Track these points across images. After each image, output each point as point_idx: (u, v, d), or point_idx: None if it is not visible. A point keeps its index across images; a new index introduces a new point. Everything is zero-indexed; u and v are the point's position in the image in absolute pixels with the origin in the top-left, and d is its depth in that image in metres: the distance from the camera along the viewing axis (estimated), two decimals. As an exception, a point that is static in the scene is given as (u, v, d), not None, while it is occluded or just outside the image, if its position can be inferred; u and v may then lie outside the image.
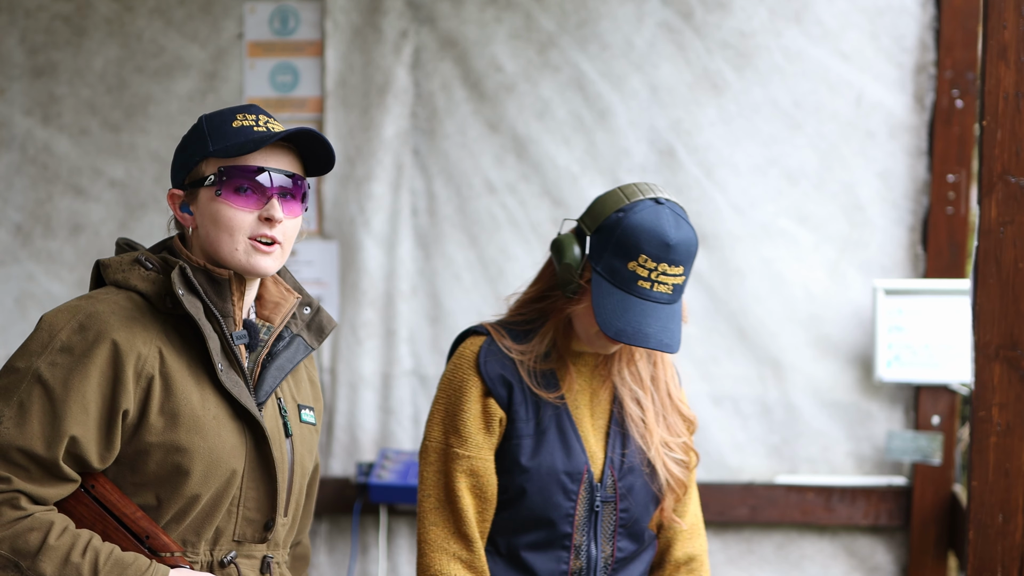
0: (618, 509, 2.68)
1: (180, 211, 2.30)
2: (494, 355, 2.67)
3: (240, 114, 2.30)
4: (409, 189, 4.12)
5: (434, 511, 2.65)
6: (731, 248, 4.05)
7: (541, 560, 2.67)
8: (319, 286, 4.15)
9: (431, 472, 2.66)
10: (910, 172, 4.02)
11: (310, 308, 2.41)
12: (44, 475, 2.13)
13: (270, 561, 2.31)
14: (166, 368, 2.20)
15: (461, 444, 2.64)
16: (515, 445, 2.65)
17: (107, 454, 2.17)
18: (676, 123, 4.05)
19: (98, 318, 2.18)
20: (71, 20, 4.16)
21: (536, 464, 2.64)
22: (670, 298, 2.57)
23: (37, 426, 2.12)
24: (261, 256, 2.25)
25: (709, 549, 4.11)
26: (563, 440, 2.66)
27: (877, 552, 4.08)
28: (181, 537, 2.22)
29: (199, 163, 2.27)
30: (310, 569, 4.13)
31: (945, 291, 3.93)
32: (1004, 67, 2.55)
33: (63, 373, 2.14)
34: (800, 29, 4.01)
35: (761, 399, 4.07)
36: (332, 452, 4.15)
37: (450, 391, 2.68)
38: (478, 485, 2.64)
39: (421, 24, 4.10)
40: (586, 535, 2.67)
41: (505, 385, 2.65)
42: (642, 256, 2.54)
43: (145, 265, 2.26)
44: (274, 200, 2.25)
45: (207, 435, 2.20)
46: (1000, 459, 2.56)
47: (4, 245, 4.18)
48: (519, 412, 2.65)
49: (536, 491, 2.64)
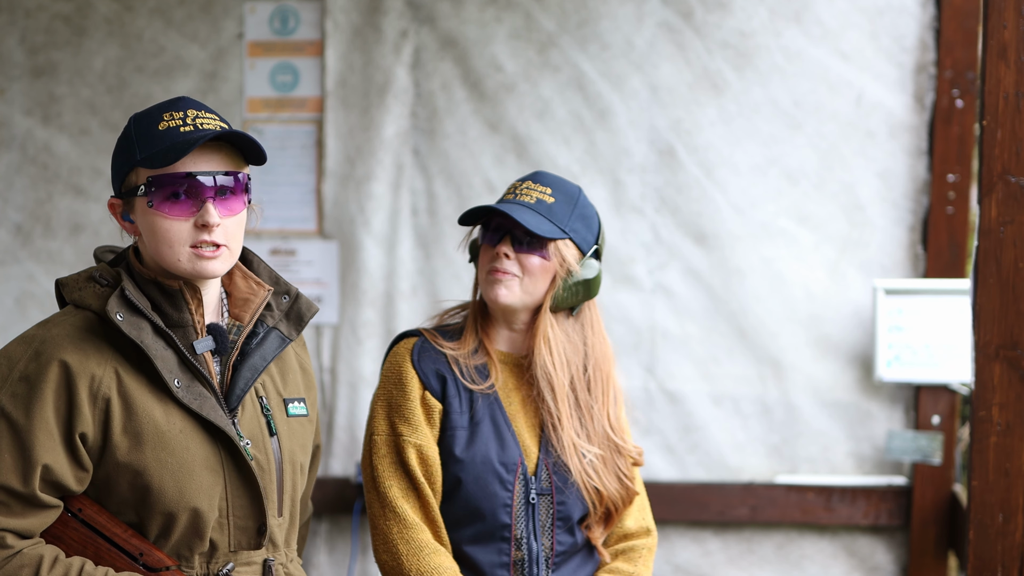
0: (555, 502, 2.74)
1: (123, 220, 2.24)
2: (427, 352, 2.77)
3: (167, 113, 2.21)
4: (409, 189, 4.12)
5: (402, 499, 2.68)
6: (731, 248, 4.05)
7: (483, 553, 2.72)
8: (319, 286, 4.15)
9: (385, 463, 2.71)
10: (910, 172, 4.02)
11: (288, 296, 2.35)
12: (24, 508, 2.10)
13: (271, 564, 2.28)
14: (124, 387, 2.15)
15: (411, 432, 2.71)
16: (450, 436, 2.73)
17: (82, 474, 2.14)
18: (676, 123, 4.05)
19: (50, 342, 2.14)
20: (71, 20, 4.16)
21: (471, 455, 2.71)
22: (534, 205, 2.74)
23: (9, 460, 2.09)
24: (205, 261, 2.19)
25: (710, 549, 4.11)
26: (497, 432, 2.73)
27: (877, 552, 4.08)
28: (174, 552, 2.19)
29: (129, 172, 2.20)
30: (310, 569, 4.13)
31: (945, 291, 3.93)
32: (1004, 67, 2.55)
33: (23, 403, 2.10)
34: (800, 29, 4.01)
35: (761, 399, 4.07)
36: (332, 452, 4.15)
37: (389, 387, 2.77)
38: (428, 473, 2.71)
39: (421, 24, 4.10)
40: (525, 527, 2.72)
41: (439, 379, 2.74)
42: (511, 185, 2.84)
43: (100, 282, 2.21)
44: (208, 204, 2.17)
45: (175, 450, 2.16)
46: (1000, 459, 2.56)
47: (4, 245, 4.18)
48: (453, 404, 2.73)
49: (472, 481, 2.70)
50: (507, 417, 2.76)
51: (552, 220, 2.75)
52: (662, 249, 4.07)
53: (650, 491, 4.04)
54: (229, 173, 2.20)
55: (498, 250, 2.75)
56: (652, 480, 4.07)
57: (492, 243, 2.77)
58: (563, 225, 2.76)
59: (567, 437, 2.75)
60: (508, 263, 2.74)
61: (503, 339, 2.83)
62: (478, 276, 2.82)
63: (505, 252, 2.73)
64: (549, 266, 2.74)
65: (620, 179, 4.06)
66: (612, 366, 2.85)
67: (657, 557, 4.11)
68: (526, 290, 2.74)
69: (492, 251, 2.77)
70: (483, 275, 2.78)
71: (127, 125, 2.23)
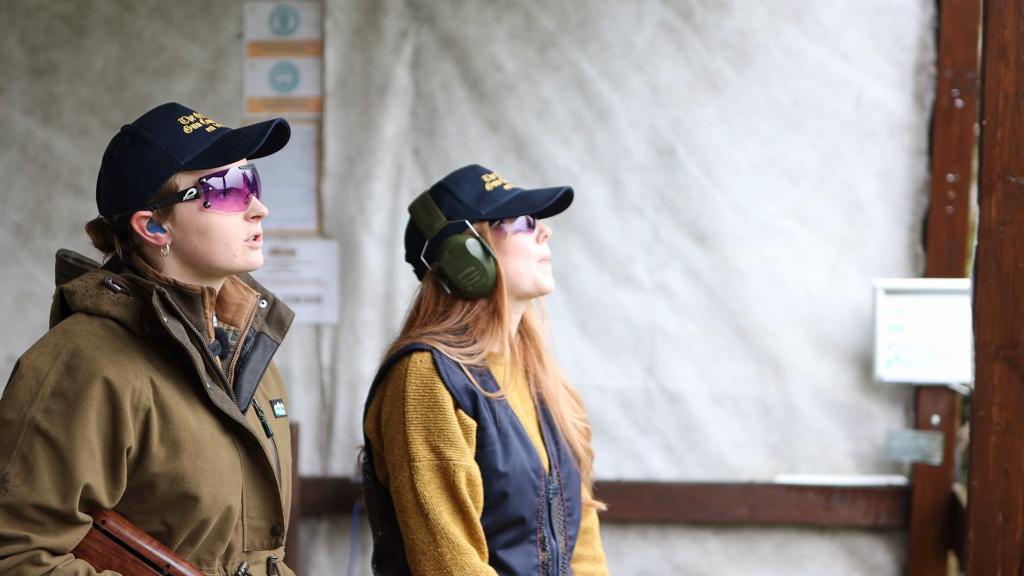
0: (564, 499, 2.73)
1: (147, 232, 2.19)
2: (451, 368, 2.64)
3: (180, 118, 2.20)
4: (409, 189, 4.12)
5: (453, 524, 2.59)
6: (731, 248, 4.05)
7: (516, 557, 2.68)
8: (319, 286, 4.15)
9: (432, 489, 2.59)
10: (910, 172, 4.02)
11: (266, 301, 2.34)
12: (60, 526, 2.07)
13: (274, 562, 2.30)
14: (160, 397, 2.14)
15: (460, 455, 2.60)
16: (489, 452, 2.64)
17: (116, 492, 2.12)
18: (676, 123, 4.05)
19: (83, 355, 2.10)
20: (71, 20, 4.16)
21: (511, 467, 2.65)
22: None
23: (48, 480, 2.05)
24: (256, 252, 2.22)
25: (710, 549, 4.12)
26: (521, 440, 2.69)
27: (877, 552, 4.08)
28: (196, 558, 2.19)
29: (166, 181, 2.17)
30: (310, 569, 4.13)
31: (945, 291, 3.93)
32: (1004, 67, 2.55)
33: (62, 420, 2.07)
34: (800, 29, 4.01)
35: (761, 399, 4.07)
36: (332, 452, 4.15)
37: (423, 409, 2.62)
38: (474, 495, 2.62)
39: (421, 24, 4.10)
40: (546, 528, 2.71)
41: (469, 395, 2.64)
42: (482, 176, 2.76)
43: (113, 288, 2.17)
44: (254, 197, 2.21)
45: (208, 456, 2.16)
46: (1000, 459, 2.56)
47: (4, 245, 4.18)
48: (485, 419, 2.65)
49: (515, 492, 2.65)
50: (519, 421, 2.71)
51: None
52: (662, 249, 4.07)
53: (650, 491, 4.05)
54: (252, 168, 2.24)
55: (542, 231, 2.72)
56: (652, 480, 4.08)
57: (531, 228, 2.73)
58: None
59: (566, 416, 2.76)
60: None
61: (496, 339, 2.75)
62: (516, 268, 2.70)
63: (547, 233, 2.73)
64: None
65: (620, 179, 4.06)
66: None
67: (657, 557, 4.11)
68: None
69: (530, 236, 2.71)
70: (534, 264, 2.70)
71: (134, 140, 2.18)
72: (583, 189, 4.04)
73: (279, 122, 2.19)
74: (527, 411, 2.77)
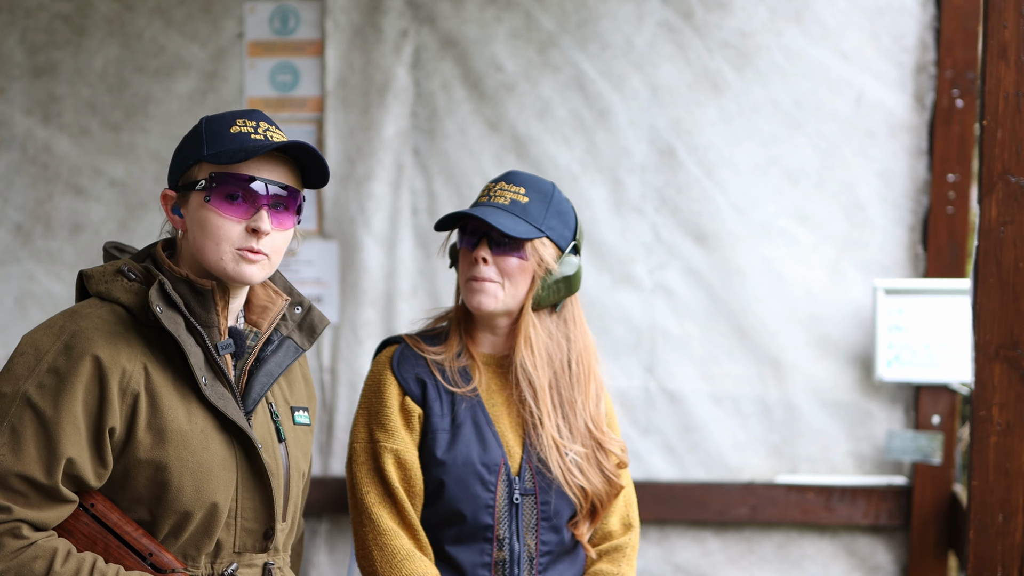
0: (539, 502, 2.75)
1: (172, 213, 2.28)
2: (407, 358, 2.79)
3: (240, 119, 2.27)
4: (409, 189, 4.12)
5: (378, 505, 2.70)
6: (731, 248, 4.05)
7: (464, 553, 2.73)
8: (319, 286, 4.15)
9: (364, 471, 2.73)
10: (910, 172, 4.02)
11: (301, 308, 2.39)
12: (44, 500, 2.11)
13: (271, 567, 2.30)
14: (151, 384, 2.17)
15: (388, 438, 2.72)
16: (431, 439, 2.74)
17: (102, 471, 2.15)
18: (676, 123, 4.05)
19: (81, 335, 2.15)
20: (71, 20, 4.16)
21: (452, 456, 2.72)
22: (508, 207, 2.74)
23: (33, 451, 2.10)
24: (248, 264, 2.23)
25: (710, 549, 4.11)
26: (479, 433, 2.74)
27: (877, 552, 4.08)
28: (181, 551, 2.21)
29: (192, 166, 2.25)
30: (310, 569, 4.13)
31: (945, 291, 3.94)
32: (1004, 67, 2.55)
33: (52, 395, 2.11)
34: (800, 29, 4.01)
35: (761, 399, 4.07)
36: (332, 452, 4.15)
37: (370, 395, 2.80)
38: (406, 478, 2.72)
39: (421, 24, 4.10)
40: (508, 528, 2.72)
41: (419, 383, 2.76)
42: (485, 187, 2.84)
43: (128, 276, 2.23)
44: (263, 211, 2.22)
45: (195, 450, 2.18)
46: (1000, 459, 2.56)
47: (4, 245, 4.19)
48: (434, 408, 2.75)
49: (454, 483, 2.71)
50: (490, 418, 2.77)
51: (527, 220, 2.75)
52: (662, 249, 4.07)
53: (650, 491, 4.05)
54: (287, 188, 2.25)
55: (476, 255, 2.75)
56: (652, 480, 4.07)
57: (470, 247, 2.77)
58: (539, 224, 2.76)
59: (548, 436, 2.76)
60: (487, 269, 2.74)
61: (486, 342, 2.85)
62: (459, 282, 2.82)
63: (483, 256, 2.74)
64: (527, 266, 2.75)
65: (620, 179, 4.06)
66: (594, 360, 2.86)
67: (657, 557, 4.11)
68: (508, 295, 2.76)
69: (470, 256, 2.77)
70: (463, 282, 2.79)
71: (197, 124, 2.28)
72: (583, 189, 4.05)
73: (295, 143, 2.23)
74: (513, 413, 2.80)
